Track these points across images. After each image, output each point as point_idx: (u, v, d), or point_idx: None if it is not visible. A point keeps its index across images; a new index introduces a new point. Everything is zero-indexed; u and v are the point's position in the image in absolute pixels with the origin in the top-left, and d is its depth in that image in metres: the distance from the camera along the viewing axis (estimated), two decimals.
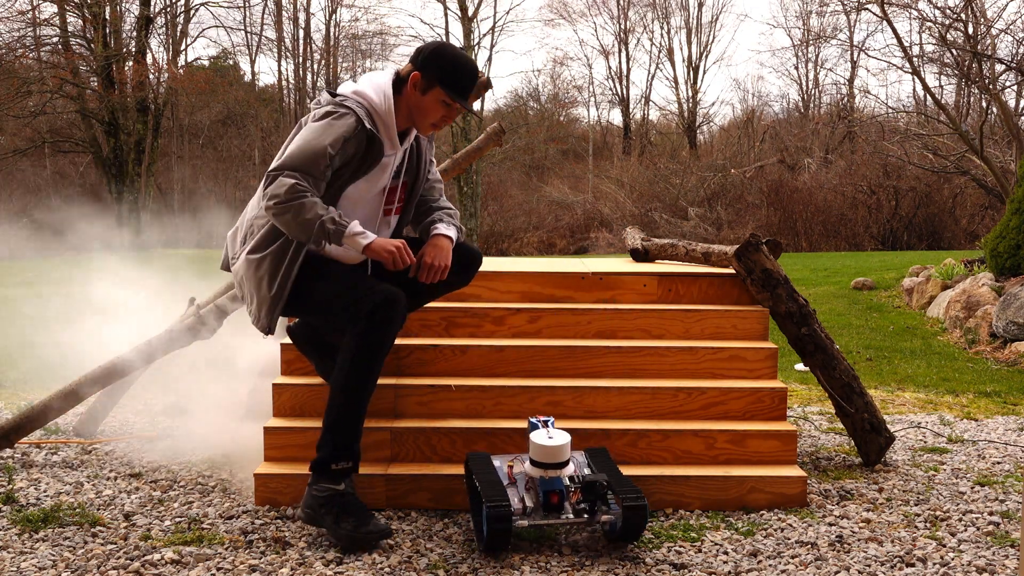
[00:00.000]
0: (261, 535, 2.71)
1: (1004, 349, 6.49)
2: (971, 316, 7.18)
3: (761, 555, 2.59)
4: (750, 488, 3.00)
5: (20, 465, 3.48)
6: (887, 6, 13.35)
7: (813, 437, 3.97)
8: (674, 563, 2.51)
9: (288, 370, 3.34)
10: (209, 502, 3.03)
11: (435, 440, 3.06)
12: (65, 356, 6.39)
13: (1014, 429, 4.32)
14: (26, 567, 2.45)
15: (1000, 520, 2.91)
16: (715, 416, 3.22)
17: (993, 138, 15.64)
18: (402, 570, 2.45)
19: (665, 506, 2.98)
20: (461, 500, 2.91)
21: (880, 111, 21.75)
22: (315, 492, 2.68)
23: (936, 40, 14.60)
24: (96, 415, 3.97)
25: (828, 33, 26.93)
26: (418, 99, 2.87)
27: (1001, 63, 13.63)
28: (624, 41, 30.42)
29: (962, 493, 3.23)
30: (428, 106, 2.88)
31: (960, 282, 7.98)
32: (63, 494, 3.11)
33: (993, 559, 2.57)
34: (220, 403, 4.63)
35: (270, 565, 2.47)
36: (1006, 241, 7.51)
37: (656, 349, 3.39)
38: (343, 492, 2.69)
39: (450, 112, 2.91)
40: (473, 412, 3.20)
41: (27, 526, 2.76)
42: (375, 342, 2.72)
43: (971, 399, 5.11)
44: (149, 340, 3.64)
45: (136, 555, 2.53)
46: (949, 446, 3.95)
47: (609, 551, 2.60)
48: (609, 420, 3.18)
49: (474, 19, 28.16)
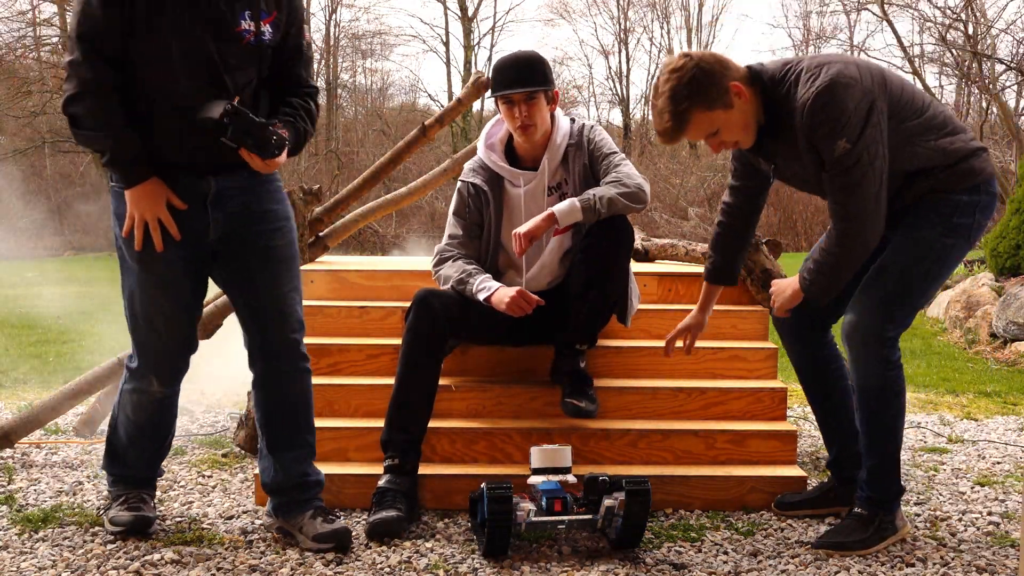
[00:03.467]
0: (261, 535, 2.71)
1: (1004, 349, 6.49)
2: (971, 316, 7.18)
3: (761, 555, 2.59)
4: (750, 488, 3.00)
5: (20, 465, 3.48)
6: (887, 6, 13.36)
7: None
8: (674, 563, 2.51)
9: None
10: (209, 502, 3.03)
11: (435, 440, 3.06)
12: (65, 356, 6.39)
13: (1014, 429, 4.32)
14: (26, 567, 2.45)
15: (1000, 520, 2.91)
16: (715, 416, 3.22)
17: (993, 138, 15.64)
18: (402, 570, 2.45)
19: (665, 506, 2.98)
20: (461, 500, 2.91)
21: None
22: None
23: (936, 40, 14.61)
24: (96, 415, 3.96)
25: (828, 33, 26.92)
26: (503, 115, 3.14)
27: (1001, 63, 13.63)
28: (624, 41, 30.42)
29: (962, 493, 3.23)
30: (504, 116, 3.12)
31: (960, 282, 7.98)
32: (63, 494, 3.11)
33: (993, 559, 2.57)
34: (220, 402, 4.63)
35: (270, 565, 2.47)
36: (1006, 241, 7.51)
37: (656, 349, 3.39)
38: (379, 487, 2.78)
39: (511, 109, 3.06)
40: (473, 412, 3.20)
41: (27, 526, 2.76)
42: (404, 337, 2.95)
43: (971, 399, 5.11)
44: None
45: (136, 555, 2.53)
46: (949, 446, 3.95)
47: (609, 551, 2.60)
48: (609, 420, 3.18)
49: (474, 19, 28.15)
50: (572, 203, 2.96)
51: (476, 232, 3.21)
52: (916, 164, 2.51)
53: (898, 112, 2.48)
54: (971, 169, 2.52)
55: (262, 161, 2.44)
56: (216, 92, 2.45)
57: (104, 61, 2.40)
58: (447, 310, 2.96)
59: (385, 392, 2.95)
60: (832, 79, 2.39)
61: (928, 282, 2.56)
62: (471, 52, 28.14)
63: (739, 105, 2.48)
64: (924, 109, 2.54)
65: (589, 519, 2.55)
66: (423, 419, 2.91)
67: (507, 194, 3.21)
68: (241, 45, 2.48)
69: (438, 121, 4.39)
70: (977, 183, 2.53)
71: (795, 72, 2.49)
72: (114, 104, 2.42)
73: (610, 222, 2.95)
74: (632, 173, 3.04)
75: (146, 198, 2.46)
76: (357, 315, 3.52)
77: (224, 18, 2.45)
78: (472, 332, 3.15)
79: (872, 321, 2.52)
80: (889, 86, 2.49)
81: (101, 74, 2.40)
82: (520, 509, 2.53)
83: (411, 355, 2.91)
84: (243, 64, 2.50)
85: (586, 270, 2.99)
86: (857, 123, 2.38)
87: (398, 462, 2.82)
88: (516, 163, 3.21)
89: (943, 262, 2.57)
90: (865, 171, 2.40)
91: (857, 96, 2.38)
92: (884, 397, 2.56)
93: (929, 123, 2.52)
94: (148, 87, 2.46)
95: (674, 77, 2.42)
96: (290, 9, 2.58)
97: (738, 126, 2.51)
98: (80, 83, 2.40)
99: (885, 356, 2.53)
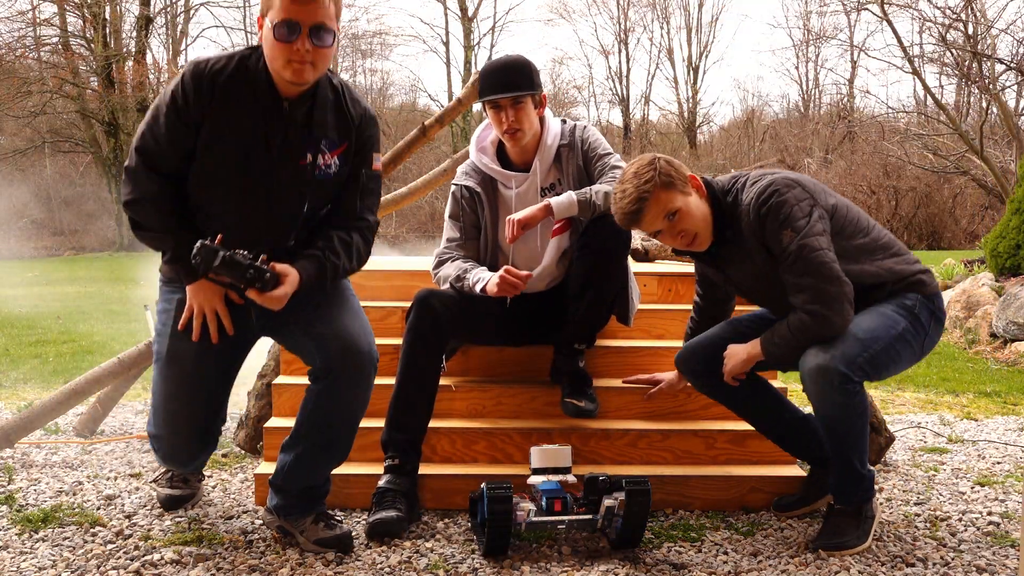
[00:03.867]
0: (261, 535, 2.71)
1: (1004, 349, 6.49)
2: (971, 316, 7.18)
3: (761, 555, 2.59)
4: (750, 488, 3.00)
5: (20, 465, 3.48)
6: (887, 6, 13.36)
7: None
8: (674, 563, 2.51)
9: (288, 370, 3.34)
10: (209, 502, 3.03)
11: (435, 440, 3.06)
12: (65, 356, 6.40)
13: (1014, 429, 4.32)
14: (26, 567, 2.45)
15: (1000, 520, 2.91)
16: (715, 416, 3.22)
17: (993, 138, 15.65)
18: (402, 570, 2.45)
19: (665, 506, 2.98)
20: (461, 500, 2.91)
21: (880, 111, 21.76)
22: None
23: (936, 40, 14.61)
24: (96, 415, 3.97)
25: (828, 33, 26.94)
26: (491, 121, 3.12)
27: (1001, 63, 13.63)
28: (624, 41, 30.43)
29: (962, 493, 3.23)
30: (492, 121, 3.12)
31: (960, 282, 7.99)
32: (63, 494, 3.11)
33: (993, 559, 2.57)
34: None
35: (270, 565, 2.47)
36: (1006, 241, 7.51)
37: (656, 349, 3.39)
38: (379, 487, 2.78)
39: (498, 114, 3.06)
40: (473, 412, 3.20)
41: (27, 526, 2.76)
42: (405, 338, 2.94)
43: (971, 399, 5.11)
44: (149, 340, 3.64)
45: (136, 555, 2.53)
46: (949, 446, 3.95)
47: (609, 551, 2.60)
48: (609, 420, 3.19)
49: (474, 19, 28.18)
50: (569, 196, 2.97)
51: (474, 233, 3.21)
52: (867, 281, 2.63)
53: (844, 227, 2.65)
54: (920, 282, 2.66)
55: (258, 295, 2.37)
56: (265, 223, 2.47)
57: (159, 174, 2.46)
58: (447, 310, 2.96)
59: (385, 392, 2.95)
60: (774, 180, 2.61)
61: (888, 336, 2.55)
62: (471, 52, 28.17)
63: (696, 197, 2.66)
64: (869, 230, 2.71)
65: (589, 519, 2.55)
66: (423, 419, 2.91)
67: (501, 196, 3.21)
68: (304, 179, 2.47)
69: (438, 121, 4.39)
70: (929, 294, 2.67)
71: (741, 182, 2.70)
72: (170, 208, 2.47)
73: (607, 221, 2.95)
74: None
75: (205, 291, 2.51)
76: None
77: (288, 150, 2.45)
78: (472, 332, 3.16)
79: (832, 364, 2.49)
80: (834, 200, 2.67)
81: (156, 185, 2.45)
82: (520, 509, 2.53)
83: (411, 355, 2.91)
84: (301, 196, 2.49)
85: (584, 270, 2.99)
86: (800, 216, 2.54)
87: (398, 462, 2.82)
88: (508, 165, 3.21)
89: (900, 330, 2.58)
90: (818, 254, 2.52)
91: (798, 195, 2.58)
92: (848, 420, 2.54)
93: (875, 243, 2.68)
94: (198, 204, 2.50)
95: (638, 164, 2.63)
96: (361, 139, 2.56)
97: (696, 215, 2.64)
98: (136, 190, 2.46)
99: (847, 390, 2.50)
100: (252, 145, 2.42)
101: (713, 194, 2.69)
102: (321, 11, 2.32)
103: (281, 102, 2.43)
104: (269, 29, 2.34)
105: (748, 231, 2.62)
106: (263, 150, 2.43)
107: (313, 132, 2.47)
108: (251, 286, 2.36)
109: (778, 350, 2.64)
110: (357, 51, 29.34)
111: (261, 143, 2.42)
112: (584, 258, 2.99)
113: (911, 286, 2.65)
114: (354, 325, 2.55)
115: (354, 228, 2.56)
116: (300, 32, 2.31)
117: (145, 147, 2.44)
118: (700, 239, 2.68)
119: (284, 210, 2.49)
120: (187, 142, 2.41)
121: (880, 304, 2.63)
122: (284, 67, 2.35)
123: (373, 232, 2.62)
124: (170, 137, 2.41)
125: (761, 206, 2.57)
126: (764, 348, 2.68)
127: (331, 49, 2.39)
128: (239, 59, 2.43)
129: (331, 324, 2.52)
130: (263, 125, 2.42)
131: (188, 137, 2.41)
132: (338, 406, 2.53)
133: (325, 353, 2.48)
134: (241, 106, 2.40)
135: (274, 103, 2.42)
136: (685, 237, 2.66)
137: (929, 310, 2.65)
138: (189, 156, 2.44)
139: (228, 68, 2.41)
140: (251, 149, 2.42)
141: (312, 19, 2.31)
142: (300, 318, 2.53)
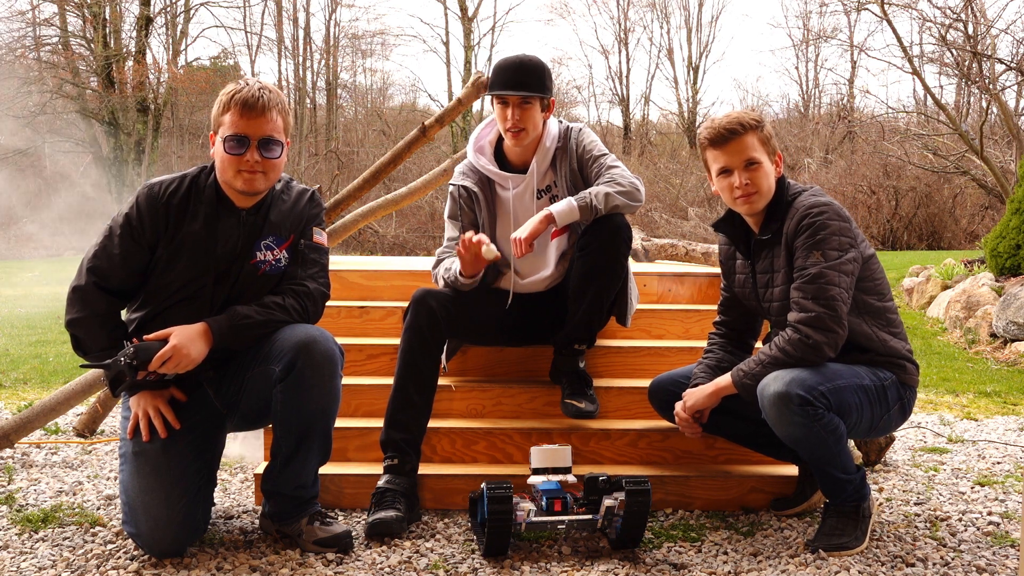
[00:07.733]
0: (261, 535, 2.71)
1: (1004, 349, 6.49)
2: (971, 316, 7.18)
3: (761, 555, 2.59)
4: (750, 488, 3.00)
5: (20, 465, 3.48)
6: (887, 6, 13.35)
7: None
8: (674, 563, 2.51)
9: None
10: None
11: (435, 440, 3.06)
12: (65, 356, 6.39)
13: (1014, 429, 4.32)
14: (26, 567, 2.45)
15: (1000, 520, 2.91)
16: None
17: (993, 138, 15.64)
18: (402, 570, 2.45)
19: (665, 506, 2.98)
20: (461, 500, 2.91)
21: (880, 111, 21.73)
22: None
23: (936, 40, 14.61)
24: (96, 415, 3.97)
25: (828, 33, 26.92)
26: (496, 116, 3.12)
27: (1001, 63, 13.63)
28: (624, 41, 30.41)
29: (962, 493, 3.23)
30: (497, 115, 3.11)
31: (960, 282, 7.98)
32: (63, 494, 3.11)
33: (993, 559, 2.57)
34: None
35: (270, 565, 2.47)
36: (1006, 241, 7.51)
37: (656, 349, 3.39)
38: (378, 487, 2.78)
39: (504, 110, 3.06)
40: (473, 412, 3.20)
41: (27, 526, 2.76)
42: (403, 337, 2.95)
43: (971, 399, 5.11)
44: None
45: (136, 555, 2.53)
46: (949, 446, 3.95)
47: (609, 551, 2.60)
48: (609, 420, 3.18)
49: (474, 19, 28.16)
50: (569, 202, 2.96)
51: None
52: (859, 340, 2.64)
53: (867, 283, 2.66)
54: (903, 367, 2.68)
55: (154, 368, 2.44)
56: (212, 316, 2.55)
57: (107, 292, 2.55)
58: (445, 309, 2.96)
59: (385, 392, 2.95)
60: (831, 204, 2.63)
61: (851, 382, 2.55)
62: (471, 52, 28.15)
63: (774, 169, 2.71)
64: (886, 298, 2.71)
65: (589, 519, 2.55)
66: (423, 419, 2.91)
67: (498, 197, 3.21)
68: (255, 276, 2.59)
69: (438, 121, 4.39)
70: (905, 381, 2.68)
71: (807, 189, 2.74)
72: (112, 328, 2.58)
73: (607, 222, 2.95)
74: (625, 173, 3.04)
75: (145, 396, 2.57)
76: (357, 315, 3.53)
77: (238, 253, 2.57)
78: (472, 331, 3.15)
79: (790, 389, 2.47)
80: (871, 253, 2.68)
81: (104, 304, 2.55)
82: (520, 509, 2.53)
83: (410, 355, 2.91)
84: (253, 291, 2.59)
85: (583, 270, 2.99)
86: (835, 247, 2.57)
87: (397, 462, 2.82)
88: (505, 166, 3.20)
89: (865, 383, 2.58)
90: (834, 290, 2.54)
91: (844, 229, 2.60)
92: (813, 439, 2.52)
93: (884, 312, 2.70)
94: (156, 313, 2.58)
95: (752, 110, 2.64)
96: (305, 221, 2.65)
97: (767, 180, 2.69)
98: (85, 308, 2.54)
99: (807, 412, 2.47)
100: (205, 256, 2.55)
101: (783, 184, 2.73)
102: (269, 125, 2.50)
103: (234, 212, 2.57)
104: (220, 144, 2.52)
105: (787, 231, 2.65)
106: (215, 259, 2.55)
107: (262, 232, 2.59)
108: (139, 371, 2.45)
109: (751, 372, 2.63)
110: (357, 51, 29.35)
111: (212, 253, 2.55)
112: (584, 258, 2.99)
113: (893, 366, 2.66)
114: (305, 329, 2.57)
115: (288, 292, 2.63)
116: (249, 145, 2.49)
117: (98, 266, 2.55)
118: (758, 198, 2.70)
119: (236, 304, 2.58)
120: (140, 261, 2.55)
121: (856, 365, 2.63)
122: (235, 177, 2.52)
123: (312, 297, 2.65)
124: (124, 256, 2.54)
125: (806, 217, 2.61)
126: (735, 374, 2.68)
127: (280, 160, 2.56)
128: (191, 179, 2.60)
129: (278, 337, 2.54)
130: (215, 236, 2.55)
131: (142, 256, 2.55)
132: (305, 398, 2.51)
133: (281, 356, 2.49)
134: (194, 221, 2.55)
135: (225, 213, 2.57)
136: (750, 187, 2.68)
137: (898, 393, 2.66)
138: (139, 274, 2.56)
139: (180, 189, 2.57)
140: (205, 260, 2.55)
141: (260, 133, 2.49)
142: (244, 364, 2.58)
